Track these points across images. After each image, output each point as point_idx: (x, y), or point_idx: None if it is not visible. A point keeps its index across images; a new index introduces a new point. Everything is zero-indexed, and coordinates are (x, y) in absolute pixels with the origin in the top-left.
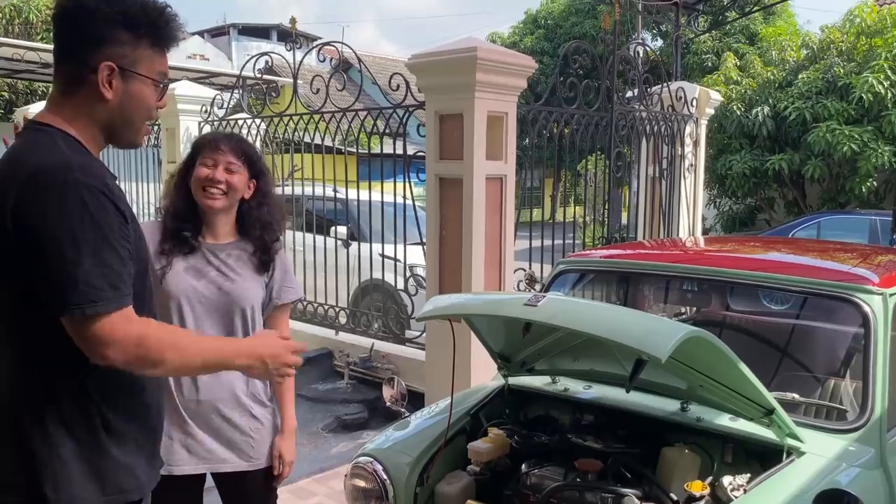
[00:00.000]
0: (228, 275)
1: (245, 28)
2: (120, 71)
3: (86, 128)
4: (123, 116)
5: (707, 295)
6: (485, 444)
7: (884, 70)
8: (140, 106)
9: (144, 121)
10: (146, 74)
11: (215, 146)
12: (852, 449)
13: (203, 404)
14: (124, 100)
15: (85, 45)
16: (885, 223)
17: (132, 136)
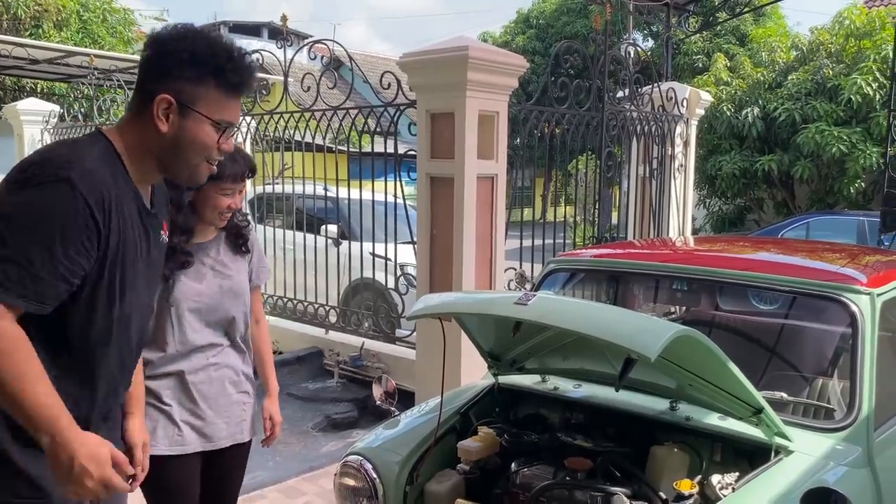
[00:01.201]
0: (224, 272)
1: (236, 26)
2: (179, 106)
3: (136, 148)
4: (176, 151)
5: (696, 294)
6: (474, 443)
7: (872, 72)
8: (196, 143)
9: (202, 159)
10: (205, 114)
11: (240, 178)
12: (840, 448)
13: (215, 383)
14: (179, 134)
15: (152, 75)
16: (872, 224)
17: (189, 173)
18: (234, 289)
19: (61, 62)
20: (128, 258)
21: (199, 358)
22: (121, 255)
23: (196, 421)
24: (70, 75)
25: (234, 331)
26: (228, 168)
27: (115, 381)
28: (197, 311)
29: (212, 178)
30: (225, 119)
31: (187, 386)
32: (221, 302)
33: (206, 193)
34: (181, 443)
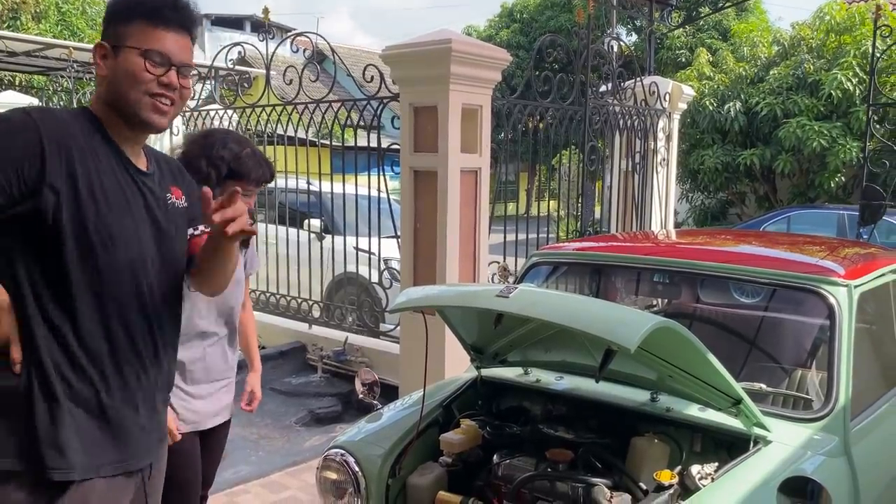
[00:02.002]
0: None
1: (218, 18)
2: (112, 48)
3: (101, 109)
4: (116, 90)
5: (678, 287)
6: (457, 436)
7: (852, 67)
8: (126, 76)
9: (140, 93)
10: (133, 45)
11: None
12: (817, 437)
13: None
14: (116, 74)
15: (103, 33)
16: (852, 217)
17: (135, 112)
18: (236, 278)
19: (40, 55)
20: (108, 209)
21: (197, 346)
22: (93, 204)
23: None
24: (49, 68)
25: (232, 320)
26: (254, 171)
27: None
28: (203, 299)
29: (237, 178)
30: (155, 48)
31: (183, 371)
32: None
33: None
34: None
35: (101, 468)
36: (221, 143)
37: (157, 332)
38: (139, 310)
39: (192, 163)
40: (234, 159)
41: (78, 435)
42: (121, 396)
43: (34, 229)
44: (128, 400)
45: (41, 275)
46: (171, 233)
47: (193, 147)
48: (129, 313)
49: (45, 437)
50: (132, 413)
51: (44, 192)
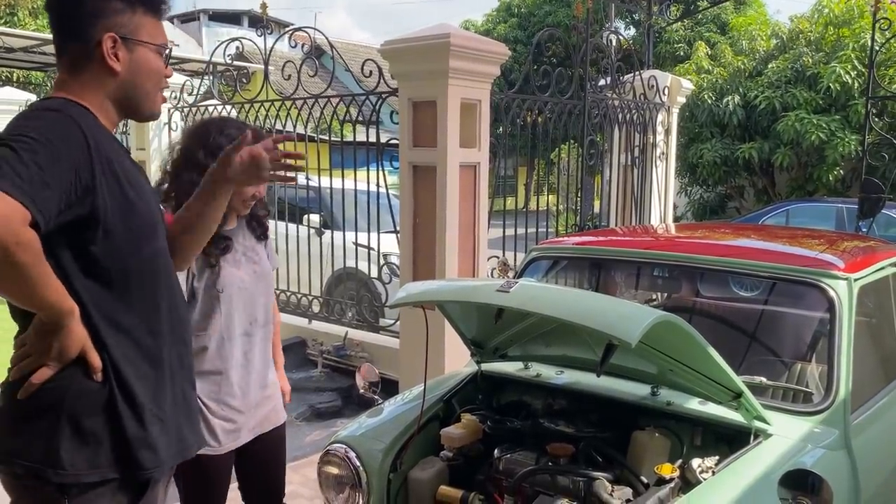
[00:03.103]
0: (253, 257)
1: (215, 14)
2: (123, 41)
3: (97, 102)
4: (136, 86)
5: (678, 281)
6: (458, 430)
7: (851, 60)
8: (150, 72)
9: (157, 88)
10: (149, 41)
11: None
12: (817, 431)
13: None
14: (133, 69)
15: (85, 20)
16: (851, 210)
17: (149, 106)
18: (264, 273)
19: (37, 50)
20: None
21: (238, 347)
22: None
23: (230, 420)
24: (47, 64)
25: (264, 317)
26: None
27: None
28: (240, 298)
29: None
30: (164, 43)
31: (228, 381)
32: (258, 287)
33: None
34: (213, 444)
35: (173, 458)
36: (218, 130)
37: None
38: (179, 295)
39: (191, 156)
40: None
41: (163, 432)
42: (179, 384)
43: (86, 232)
44: (182, 387)
45: (97, 278)
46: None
47: (191, 139)
48: (175, 299)
49: (137, 440)
50: (183, 401)
51: (97, 189)
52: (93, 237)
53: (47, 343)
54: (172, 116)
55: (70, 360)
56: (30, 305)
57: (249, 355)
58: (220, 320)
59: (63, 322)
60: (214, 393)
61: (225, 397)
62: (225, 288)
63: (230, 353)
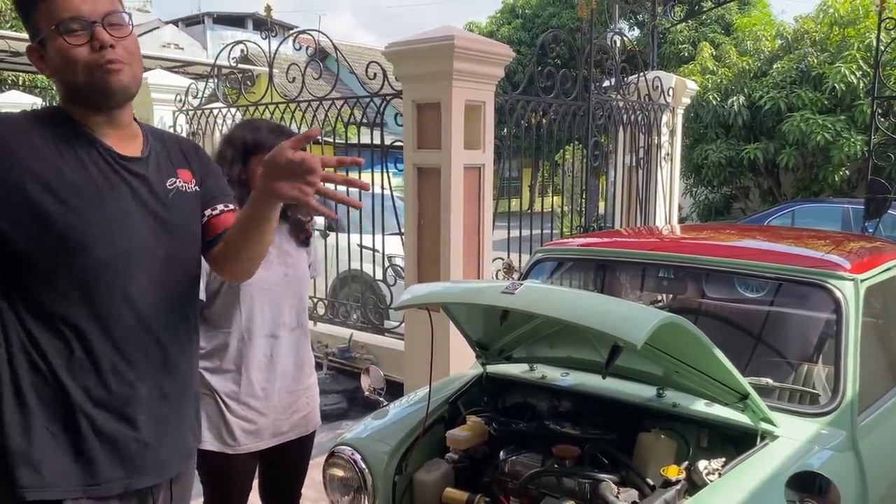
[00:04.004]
0: (287, 260)
1: (220, 17)
2: (39, 44)
3: (67, 106)
4: (65, 83)
5: (683, 282)
6: (463, 432)
7: (856, 60)
8: (65, 62)
9: (86, 70)
10: (44, 29)
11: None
12: (824, 432)
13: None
14: (56, 64)
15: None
16: (857, 211)
17: (91, 92)
18: (297, 277)
19: None
20: (75, 206)
21: (261, 348)
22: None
23: (250, 420)
24: None
25: (295, 320)
26: (270, 140)
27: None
28: (265, 298)
29: (253, 152)
30: (62, 16)
31: (249, 381)
32: (286, 290)
33: (254, 168)
34: (230, 443)
35: (90, 488)
36: (242, 124)
37: (162, 335)
38: (129, 312)
39: (219, 153)
40: (249, 132)
41: (56, 451)
42: (109, 409)
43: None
44: (118, 413)
45: (10, 283)
46: (176, 221)
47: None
48: (114, 317)
49: (18, 452)
50: (125, 428)
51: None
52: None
53: None
54: (178, 119)
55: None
56: None
57: (275, 357)
58: (241, 319)
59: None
60: (234, 392)
61: (245, 397)
62: (246, 286)
63: (251, 353)
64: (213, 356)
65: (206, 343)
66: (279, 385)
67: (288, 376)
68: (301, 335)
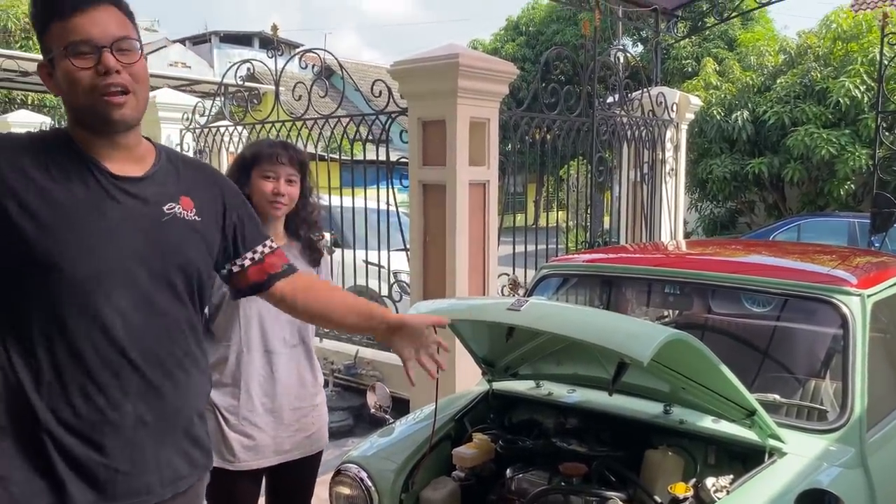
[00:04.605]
0: None
1: (226, 36)
2: (49, 63)
3: (73, 127)
4: (69, 104)
5: (689, 298)
6: (469, 450)
7: (860, 74)
8: (71, 84)
9: (90, 95)
10: (55, 49)
11: (276, 159)
12: (833, 449)
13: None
14: (63, 86)
15: None
16: (863, 225)
17: (94, 117)
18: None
19: None
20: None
21: (259, 364)
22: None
23: (249, 436)
24: None
25: (297, 335)
26: (265, 150)
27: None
28: (264, 313)
29: (253, 165)
30: (72, 39)
31: (248, 396)
32: None
33: (254, 182)
34: (230, 458)
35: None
36: (248, 145)
37: (141, 360)
38: (102, 335)
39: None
40: (250, 148)
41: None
42: (77, 433)
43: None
44: (86, 438)
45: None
46: (170, 244)
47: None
48: (84, 339)
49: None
50: (93, 453)
51: None
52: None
53: None
54: (184, 138)
55: None
56: None
57: (276, 374)
58: (240, 333)
59: None
60: (233, 406)
61: (245, 412)
62: (246, 301)
63: (250, 368)
64: (213, 369)
65: (209, 356)
66: (281, 402)
67: (291, 393)
68: (303, 352)
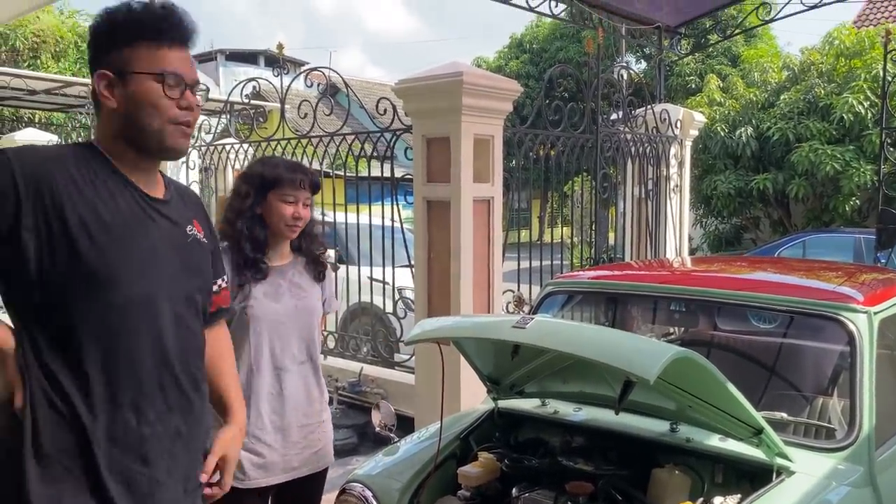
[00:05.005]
0: (298, 293)
1: (232, 54)
2: (118, 76)
3: (109, 142)
4: (136, 121)
5: (695, 315)
6: (475, 469)
7: (863, 91)
8: (145, 104)
9: (162, 121)
10: (143, 70)
11: (298, 184)
12: (842, 468)
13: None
14: (129, 103)
15: (92, 65)
16: (869, 241)
17: (158, 141)
18: (307, 310)
19: (59, 92)
20: (108, 241)
21: (269, 381)
22: (87, 238)
23: (259, 454)
24: (68, 105)
25: (305, 352)
26: (287, 174)
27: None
28: (274, 331)
29: (272, 187)
30: (167, 69)
31: (258, 414)
32: (296, 322)
33: (271, 203)
34: (240, 476)
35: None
36: (258, 161)
37: (180, 374)
38: (153, 349)
39: (234, 189)
40: (266, 169)
41: (74, 490)
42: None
43: (17, 275)
44: (133, 450)
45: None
46: (194, 264)
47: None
48: (138, 353)
49: (37, 495)
50: (139, 465)
51: (22, 235)
52: (29, 281)
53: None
54: (190, 155)
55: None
56: None
57: (284, 391)
58: (250, 351)
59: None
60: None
61: (255, 430)
62: (255, 318)
63: (259, 386)
64: None
65: None
66: (290, 419)
67: (299, 411)
68: (311, 369)
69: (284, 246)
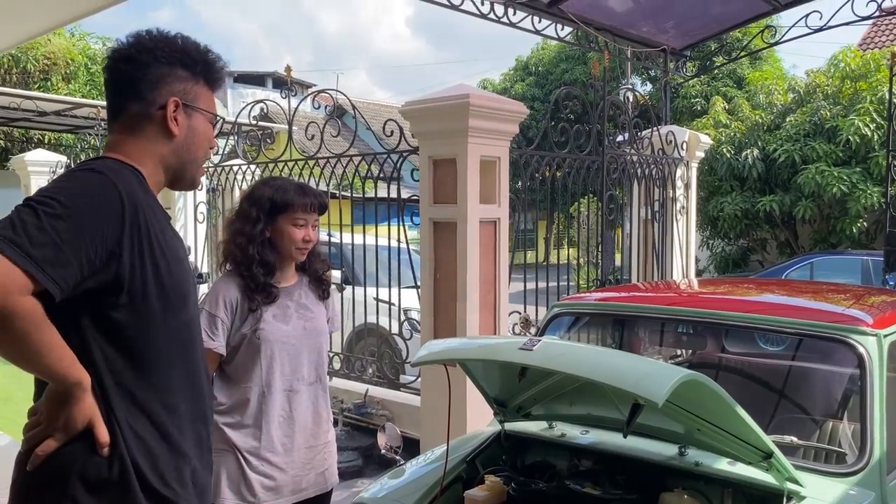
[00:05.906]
0: (306, 314)
1: (240, 76)
2: (184, 107)
3: (150, 166)
4: (189, 152)
5: (702, 337)
6: (481, 492)
7: (869, 112)
8: (203, 140)
9: (205, 157)
10: (206, 109)
11: (308, 207)
12: (853, 493)
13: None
14: (189, 135)
15: (151, 83)
16: (877, 263)
17: (195, 173)
18: (316, 331)
19: (69, 114)
20: (176, 265)
21: (279, 403)
22: (165, 262)
23: (269, 476)
24: (77, 126)
25: (315, 373)
26: (298, 199)
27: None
28: (285, 353)
29: (281, 211)
30: (215, 112)
31: (269, 437)
32: (305, 344)
33: (281, 227)
34: (250, 499)
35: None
36: (263, 182)
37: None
38: (202, 365)
39: (242, 212)
40: (275, 192)
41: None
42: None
43: (109, 298)
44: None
45: (118, 347)
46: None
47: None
48: (197, 375)
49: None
50: (206, 474)
51: (123, 257)
52: (116, 304)
53: (56, 413)
54: None
55: (76, 433)
56: (35, 372)
57: (294, 412)
58: (261, 373)
59: (72, 392)
60: (255, 448)
61: (265, 453)
62: (266, 341)
63: (271, 408)
64: (233, 411)
65: (226, 399)
66: (299, 440)
67: (307, 431)
68: (320, 390)
69: (290, 267)
